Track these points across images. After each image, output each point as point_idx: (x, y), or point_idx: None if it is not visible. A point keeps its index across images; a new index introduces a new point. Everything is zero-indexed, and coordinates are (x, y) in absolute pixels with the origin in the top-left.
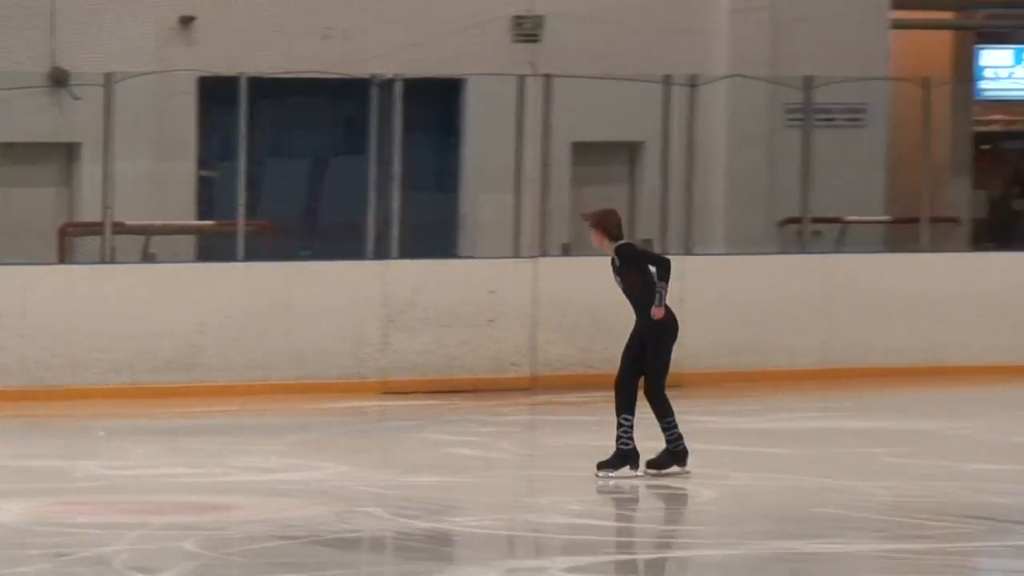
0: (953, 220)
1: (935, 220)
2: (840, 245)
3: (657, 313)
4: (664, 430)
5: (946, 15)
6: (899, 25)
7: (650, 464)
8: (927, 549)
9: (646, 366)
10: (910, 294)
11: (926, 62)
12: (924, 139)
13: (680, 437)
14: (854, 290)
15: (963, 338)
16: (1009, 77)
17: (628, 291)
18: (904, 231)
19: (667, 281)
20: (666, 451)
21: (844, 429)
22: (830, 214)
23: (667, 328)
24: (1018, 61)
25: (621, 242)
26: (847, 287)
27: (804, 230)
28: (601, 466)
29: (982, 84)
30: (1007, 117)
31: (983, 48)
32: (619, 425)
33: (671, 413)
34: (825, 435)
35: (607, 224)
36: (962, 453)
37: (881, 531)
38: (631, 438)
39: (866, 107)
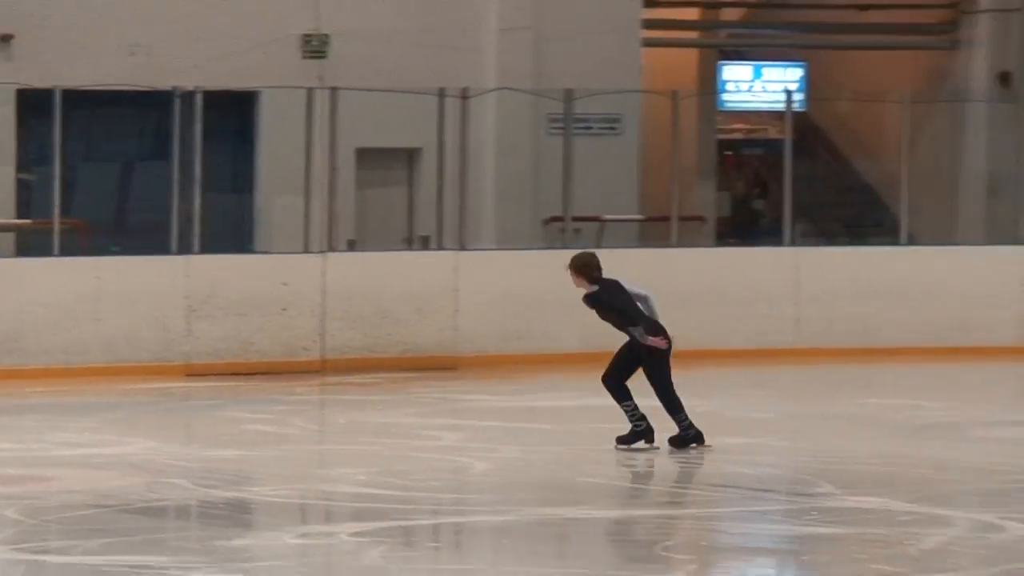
0: (699, 219)
1: (683, 219)
2: (598, 241)
3: (655, 342)
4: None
5: (692, 34)
6: (650, 43)
7: (619, 439)
8: (679, 514)
9: (653, 385)
10: (660, 286)
11: (674, 77)
12: (673, 146)
13: (643, 417)
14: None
15: (707, 325)
16: (749, 90)
17: (614, 325)
18: (655, 228)
19: (639, 325)
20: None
21: (602, 406)
22: (589, 213)
23: (658, 350)
24: (756, 76)
25: (597, 286)
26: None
27: (566, 228)
28: (619, 440)
29: (725, 96)
30: (747, 126)
31: (725, 64)
32: (624, 411)
33: (627, 397)
34: (585, 412)
35: (580, 268)
36: (710, 428)
37: (637, 498)
38: (641, 418)
39: (620, 117)
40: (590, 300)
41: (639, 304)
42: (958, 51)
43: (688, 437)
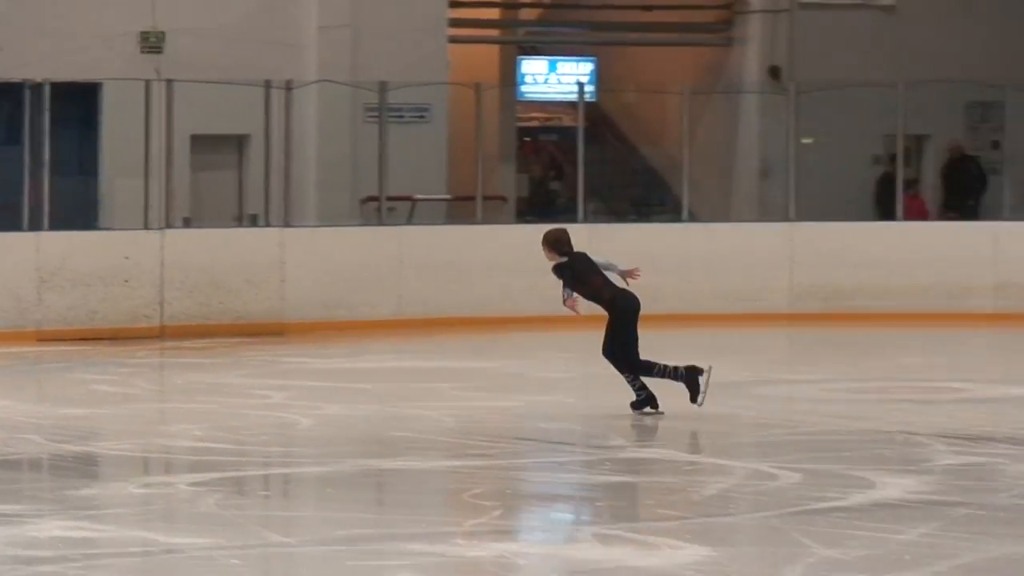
0: (501, 198)
1: (487, 198)
2: (410, 219)
3: (570, 304)
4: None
5: (493, 32)
6: (455, 40)
7: (633, 405)
8: (486, 465)
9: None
10: (466, 259)
11: (478, 70)
12: (477, 133)
13: (644, 387)
14: (423, 255)
15: (509, 293)
16: (545, 83)
17: (578, 293)
18: (462, 207)
19: (572, 283)
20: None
21: (417, 368)
22: (402, 193)
23: (624, 312)
24: (552, 70)
25: (564, 258)
26: (417, 253)
27: (381, 207)
28: (632, 406)
29: (523, 88)
30: (544, 115)
31: (524, 59)
32: (627, 382)
33: (634, 371)
34: (401, 373)
35: (552, 243)
36: (514, 387)
37: (448, 451)
38: (641, 387)
39: (429, 107)
40: (559, 270)
41: (606, 273)
42: (732, 48)
43: (641, 400)
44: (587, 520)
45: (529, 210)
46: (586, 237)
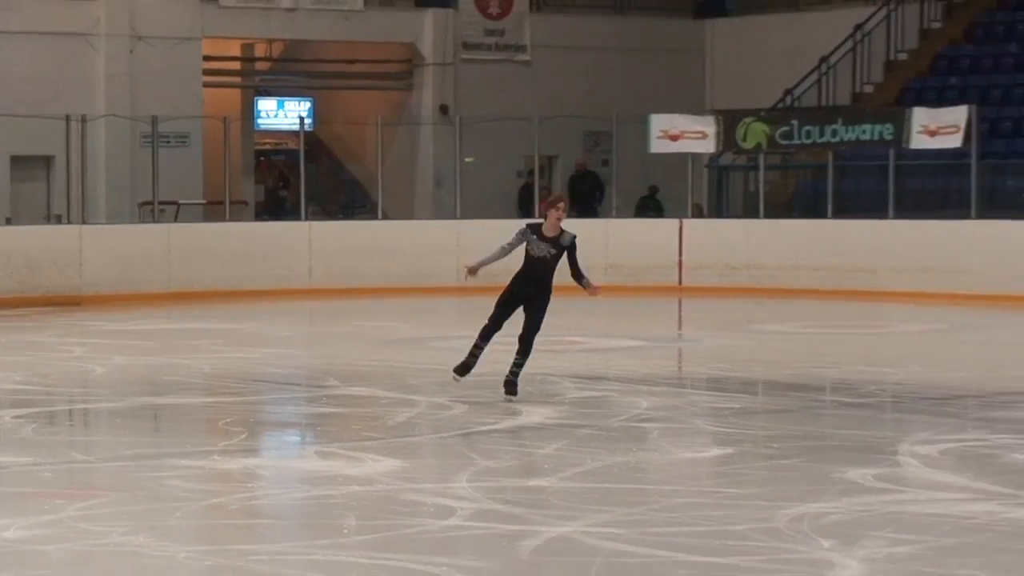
0: (243, 203)
1: (233, 203)
2: (176, 218)
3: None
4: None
5: (236, 78)
6: (208, 84)
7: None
8: (235, 400)
9: (536, 319)
10: (218, 247)
11: (225, 107)
12: (224, 154)
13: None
14: (186, 245)
15: (250, 273)
16: (275, 116)
17: (550, 264)
18: (214, 209)
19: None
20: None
21: (182, 328)
22: (170, 199)
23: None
24: (280, 107)
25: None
26: (182, 243)
27: (154, 209)
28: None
29: (259, 120)
30: (274, 140)
31: (259, 98)
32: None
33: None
34: (171, 332)
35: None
36: (251, 343)
37: (206, 390)
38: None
39: (189, 134)
40: (572, 241)
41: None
42: (412, 91)
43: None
44: (311, 441)
45: (264, 211)
46: (307, 231)
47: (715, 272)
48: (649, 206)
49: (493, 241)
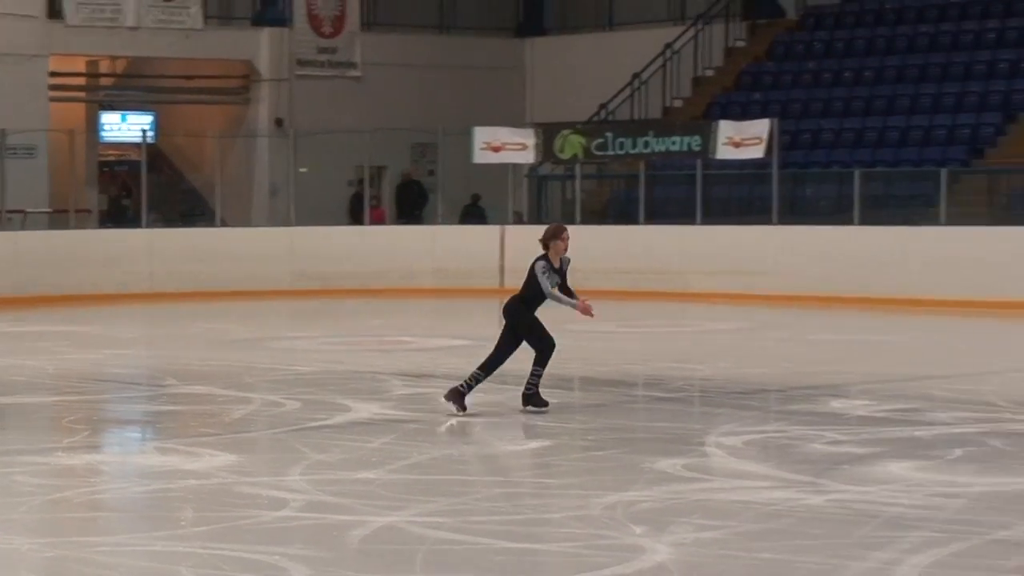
0: (87, 211)
1: (78, 211)
2: (23, 225)
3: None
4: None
5: (82, 94)
6: (55, 99)
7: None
8: (78, 399)
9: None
10: (64, 253)
11: (71, 120)
12: (70, 165)
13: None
14: (34, 250)
15: (92, 279)
16: (119, 129)
17: (548, 290)
18: (59, 217)
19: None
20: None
21: (29, 331)
22: (18, 207)
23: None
24: (123, 120)
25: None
26: (30, 248)
27: (1, 217)
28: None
29: (104, 133)
30: (118, 152)
31: (103, 112)
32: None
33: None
34: (17, 335)
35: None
36: (96, 344)
37: (50, 389)
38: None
39: (36, 147)
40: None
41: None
42: (249, 105)
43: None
44: (151, 437)
45: (107, 219)
46: (148, 239)
47: None
48: (473, 213)
49: (328, 246)
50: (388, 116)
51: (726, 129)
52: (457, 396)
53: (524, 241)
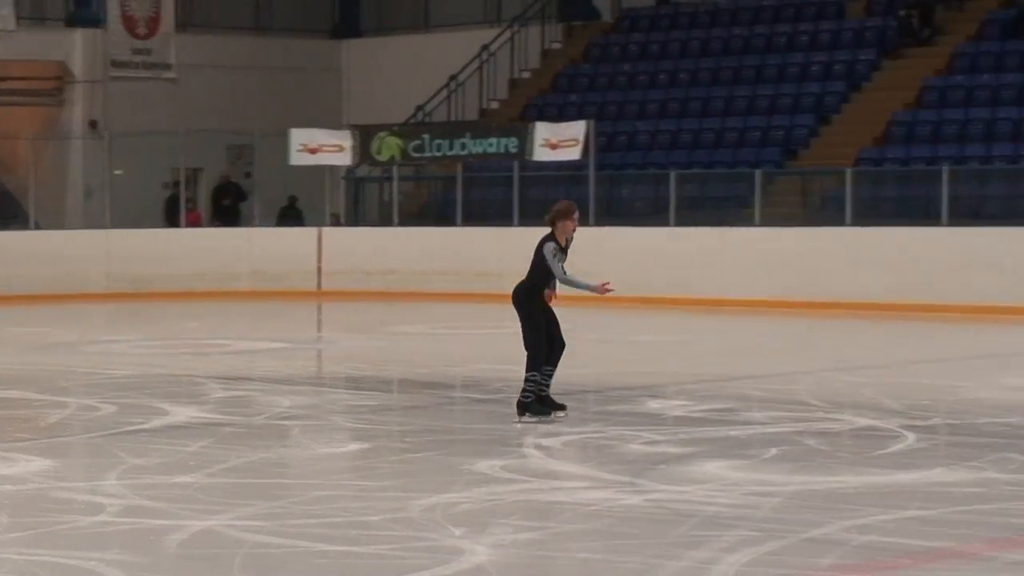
0: None
1: None
2: None
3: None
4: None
5: None
6: None
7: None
8: None
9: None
10: None
11: None
12: None
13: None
14: None
15: None
16: None
17: (560, 275)
18: None
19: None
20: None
21: None
22: None
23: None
24: None
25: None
26: None
27: None
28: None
29: None
30: None
31: None
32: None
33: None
34: None
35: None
36: None
37: None
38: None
39: None
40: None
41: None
42: (64, 107)
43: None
44: None
45: None
46: None
47: (352, 277)
48: (289, 215)
49: (144, 249)
50: (204, 118)
51: (543, 131)
52: (544, 406)
53: (341, 243)
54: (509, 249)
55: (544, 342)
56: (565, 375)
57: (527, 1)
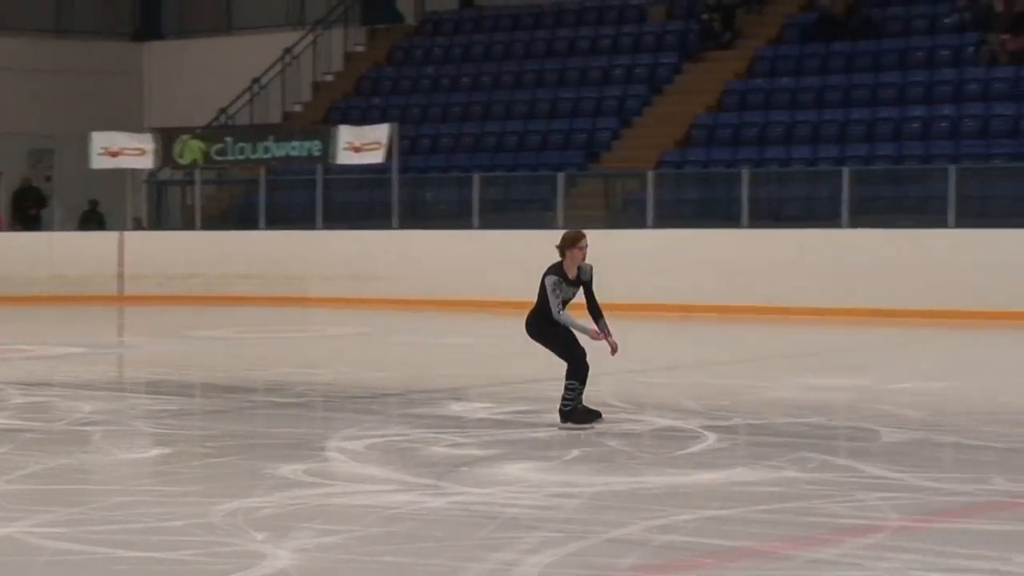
0: None
1: None
2: None
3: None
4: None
5: None
6: None
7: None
8: None
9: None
10: None
11: None
12: None
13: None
14: None
15: None
16: None
17: (556, 313)
18: None
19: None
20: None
21: None
22: None
23: None
24: None
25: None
26: None
27: None
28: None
29: None
30: None
31: None
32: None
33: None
34: None
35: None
36: None
37: None
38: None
39: None
40: (591, 273)
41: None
42: None
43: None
44: None
45: None
46: None
47: (154, 282)
48: (91, 220)
49: None
50: (3, 121)
51: (346, 134)
52: (582, 414)
53: (143, 247)
54: (312, 253)
55: (579, 352)
56: (367, 379)
57: (330, 4)
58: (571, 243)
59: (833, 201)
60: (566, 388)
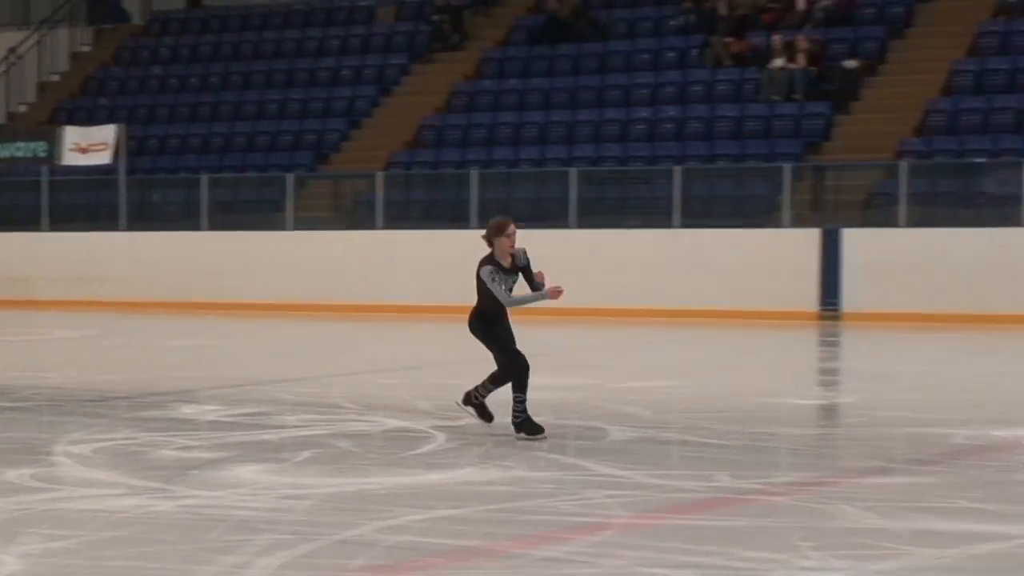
0: None
1: None
2: None
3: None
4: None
5: None
6: None
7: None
8: None
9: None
10: None
11: None
12: None
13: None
14: None
15: None
16: None
17: (504, 299)
18: None
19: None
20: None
21: None
22: None
23: None
24: None
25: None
26: None
27: None
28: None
29: None
30: None
31: None
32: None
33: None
34: None
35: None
36: None
37: None
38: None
39: None
40: (526, 256)
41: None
42: None
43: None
44: None
45: None
46: None
47: None
48: None
49: None
50: None
51: (72, 135)
52: (532, 425)
53: None
54: (37, 255)
55: (520, 357)
56: (94, 381)
57: (56, 3)
58: (497, 232)
59: (561, 201)
60: (514, 400)
